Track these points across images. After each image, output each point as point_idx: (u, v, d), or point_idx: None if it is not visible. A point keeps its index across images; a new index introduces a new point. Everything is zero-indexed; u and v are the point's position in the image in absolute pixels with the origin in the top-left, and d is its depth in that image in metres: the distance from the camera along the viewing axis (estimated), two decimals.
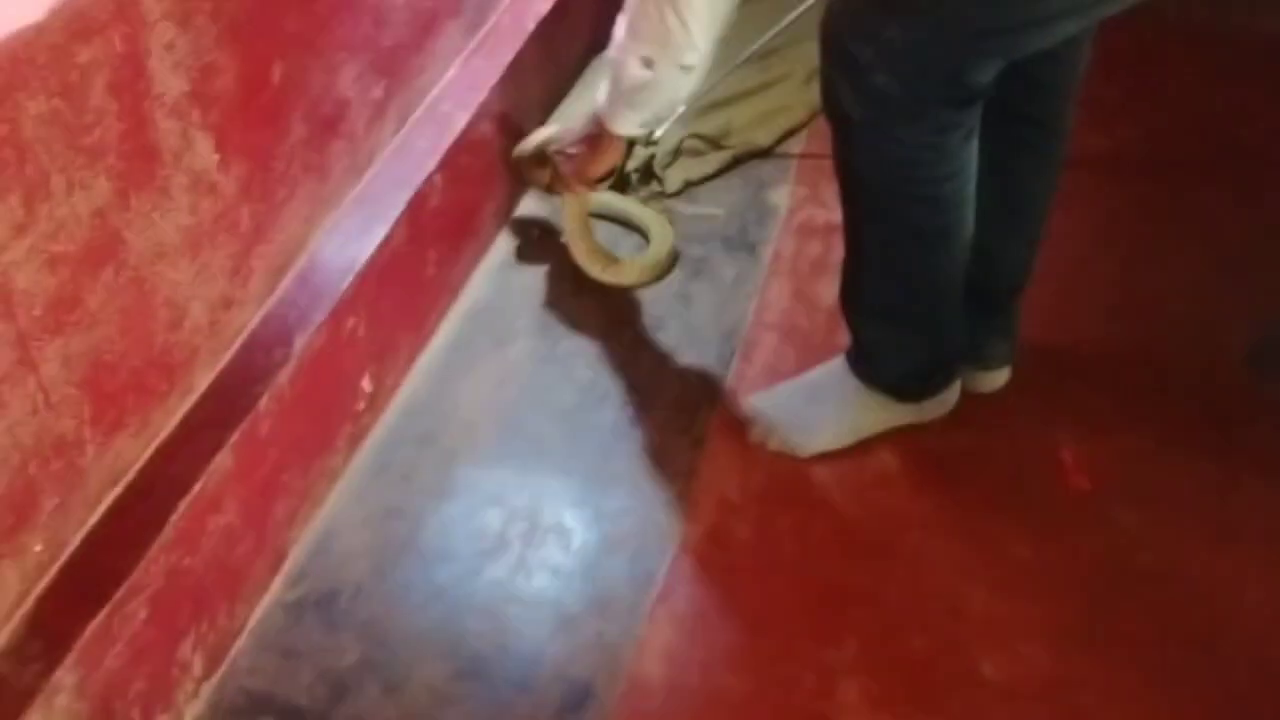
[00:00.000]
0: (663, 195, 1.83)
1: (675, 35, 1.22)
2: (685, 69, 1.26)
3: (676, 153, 1.88)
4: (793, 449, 1.47)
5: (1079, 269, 1.74)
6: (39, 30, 0.86)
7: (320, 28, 1.23)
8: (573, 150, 1.52)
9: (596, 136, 1.45)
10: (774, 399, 1.51)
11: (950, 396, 1.49)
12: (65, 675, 0.98)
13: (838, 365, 1.49)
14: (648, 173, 1.84)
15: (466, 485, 1.43)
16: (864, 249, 1.37)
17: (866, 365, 1.45)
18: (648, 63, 1.27)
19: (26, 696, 0.95)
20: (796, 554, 1.37)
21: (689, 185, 1.86)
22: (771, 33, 1.92)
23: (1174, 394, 1.57)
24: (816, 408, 1.48)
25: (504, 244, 1.77)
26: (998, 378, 1.56)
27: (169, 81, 1.01)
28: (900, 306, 1.39)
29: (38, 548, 1.00)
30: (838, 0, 1.22)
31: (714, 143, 1.90)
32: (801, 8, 1.89)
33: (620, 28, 1.28)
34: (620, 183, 1.80)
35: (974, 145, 1.26)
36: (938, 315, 1.41)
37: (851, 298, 1.43)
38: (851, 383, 1.47)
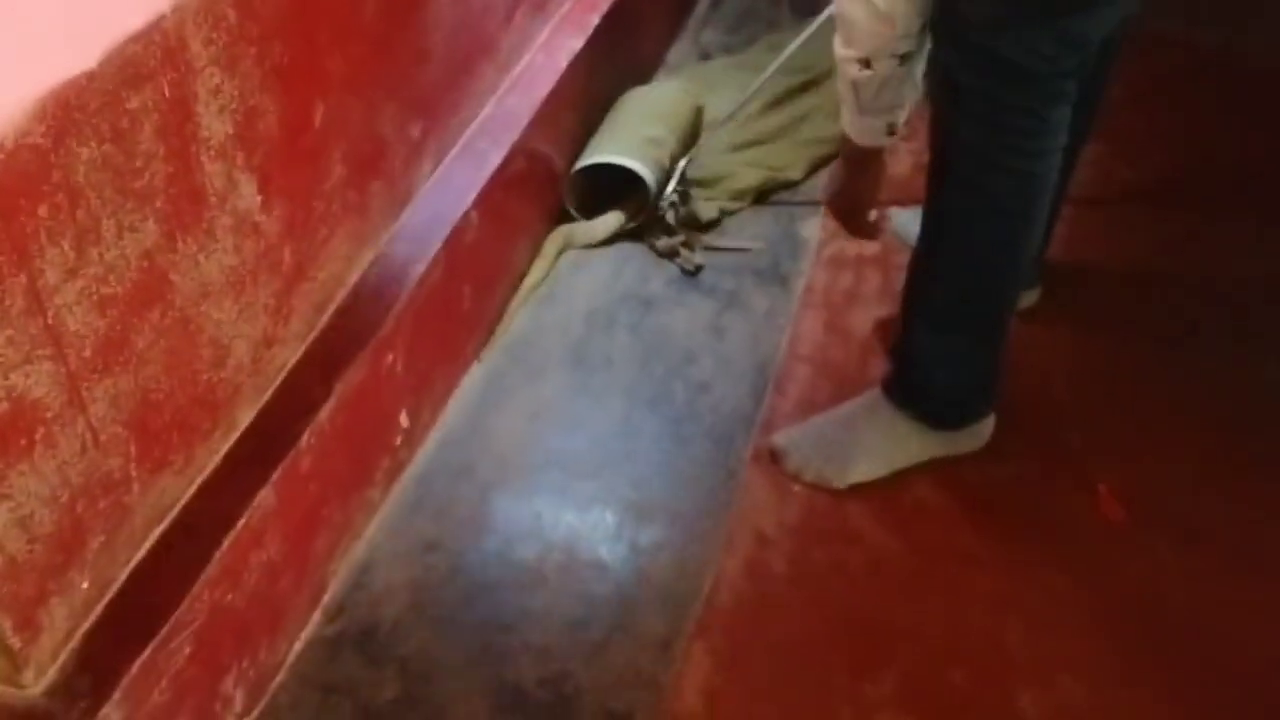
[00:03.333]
0: (698, 227, 1.84)
1: (882, 31, 1.24)
2: (904, 59, 1.27)
3: (710, 187, 1.90)
4: (827, 481, 1.47)
5: (1113, 299, 1.75)
6: (91, 77, 0.87)
7: (360, 69, 1.25)
8: (839, 187, 1.54)
9: (853, 162, 1.47)
10: (807, 432, 1.52)
11: (984, 430, 1.49)
12: (112, 711, 0.98)
13: (872, 397, 1.50)
14: (684, 204, 1.84)
15: (503, 518, 1.44)
16: (945, 231, 1.38)
17: (909, 384, 1.46)
18: (865, 63, 1.28)
19: None
20: (833, 587, 1.37)
21: (725, 215, 1.87)
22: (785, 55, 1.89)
23: (1211, 423, 1.57)
24: (850, 440, 1.49)
25: (537, 278, 1.79)
26: (1028, 297, 1.66)
27: (214, 125, 1.03)
28: (965, 304, 1.41)
29: (85, 585, 1.01)
30: None
31: (748, 174, 1.92)
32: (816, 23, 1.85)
33: (837, 44, 1.33)
34: (656, 218, 1.81)
35: (1065, 134, 1.28)
36: (997, 320, 1.42)
37: (917, 295, 1.44)
38: (887, 413, 1.47)
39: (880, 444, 1.48)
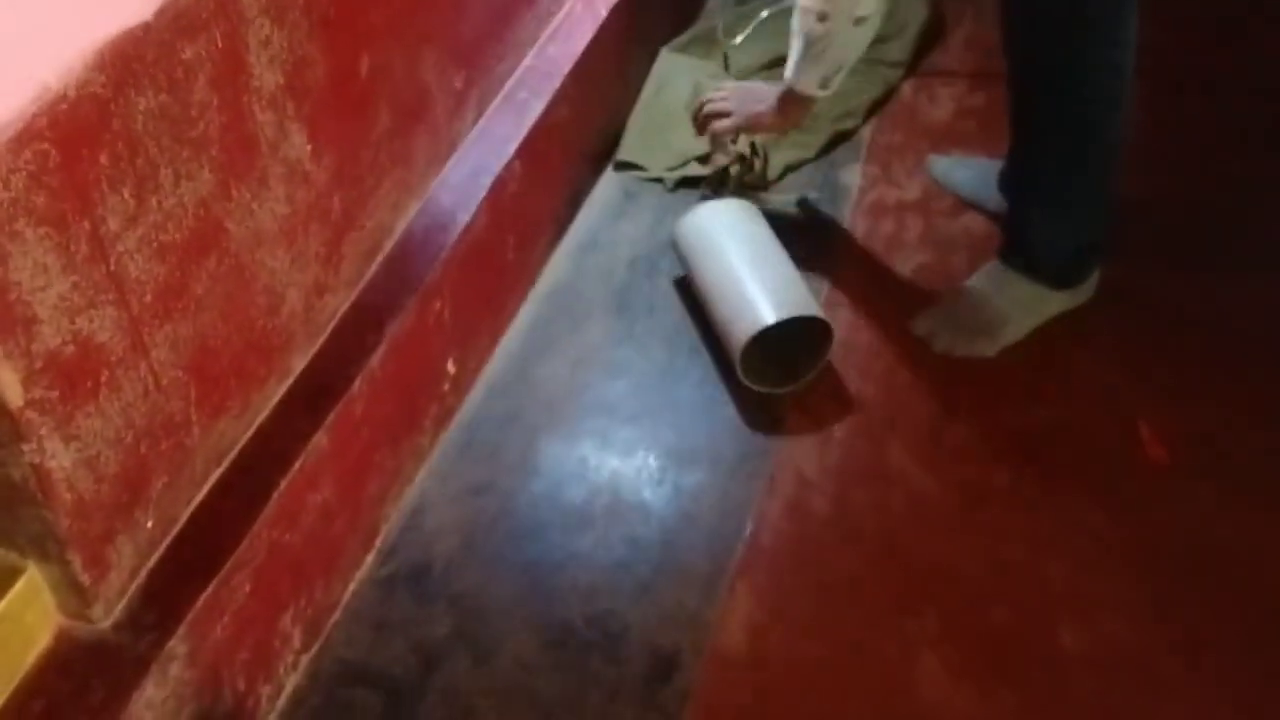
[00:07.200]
0: (764, 184, 1.84)
1: None
2: (859, 21, 1.37)
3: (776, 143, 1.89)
4: (980, 352, 1.58)
5: (1156, 234, 1.73)
6: (147, 29, 0.90)
7: (404, 20, 1.26)
8: (767, 121, 1.63)
9: (785, 100, 1.56)
10: (942, 315, 1.61)
11: (1093, 281, 1.60)
12: (178, 645, 1.02)
13: (994, 270, 1.60)
14: (748, 169, 1.84)
15: (549, 462, 1.47)
16: (1046, 131, 1.49)
17: (1033, 257, 1.57)
18: (822, 17, 1.37)
19: (143, 665, 1.00)
20: (875, 528, 1.39)
21: (788, 171, 1.87)
22: None
23: (1254, 366, 1.56)
24: (989, 313, 1.58)
25: (580, 227, 1.81)
26: None
27: (265, 75, 1.05)
28: (1074, 186, 1.52)
29: (149, 524, 1.04)
30: None
31: (814, 128, 1.91)
32: None
33: None
34: (721, 176, 1.82)
35: (1136, 23, 1.40)
36: (1101, 190, 1.52)
37: (1029, 189, 1.57)
38: (1017, 282, 1.58)
39: (1017, 310, 1.58)
